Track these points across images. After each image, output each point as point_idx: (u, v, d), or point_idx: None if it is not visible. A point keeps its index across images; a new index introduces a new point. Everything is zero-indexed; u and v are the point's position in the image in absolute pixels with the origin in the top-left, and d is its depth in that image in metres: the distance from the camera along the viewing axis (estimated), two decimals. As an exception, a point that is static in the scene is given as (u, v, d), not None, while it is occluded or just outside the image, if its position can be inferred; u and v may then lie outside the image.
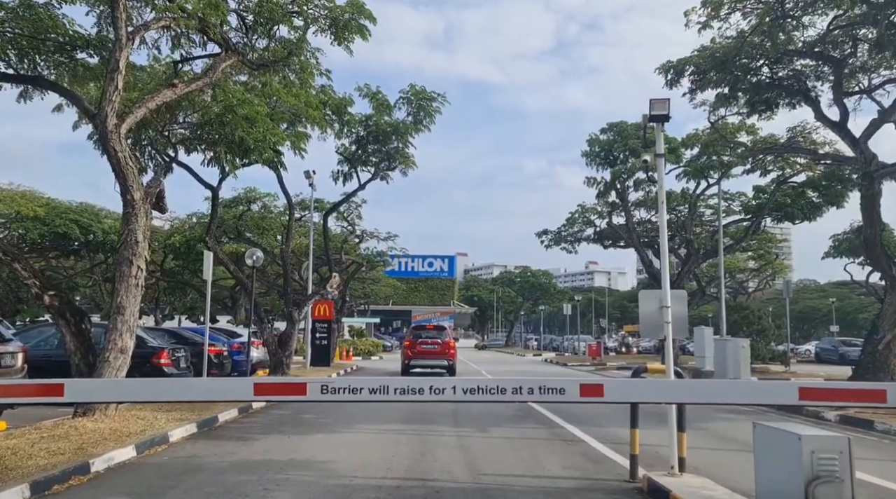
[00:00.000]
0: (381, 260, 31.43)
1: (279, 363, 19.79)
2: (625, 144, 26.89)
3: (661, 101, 6.94)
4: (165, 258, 40.55)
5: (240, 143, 14.61)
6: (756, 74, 13.97)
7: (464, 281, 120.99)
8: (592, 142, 28.76)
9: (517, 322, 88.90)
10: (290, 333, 20.22)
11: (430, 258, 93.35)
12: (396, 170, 23.04)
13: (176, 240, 34.70)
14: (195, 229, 30.37)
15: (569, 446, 9.18)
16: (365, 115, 22.17)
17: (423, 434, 9.99)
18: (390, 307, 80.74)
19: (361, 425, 10.85)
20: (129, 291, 9.47)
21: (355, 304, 70.82)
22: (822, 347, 40.11)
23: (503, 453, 8.50)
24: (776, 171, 25.83)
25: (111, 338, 9.40)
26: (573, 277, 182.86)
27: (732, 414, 13.96)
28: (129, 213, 9.53)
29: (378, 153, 22.96)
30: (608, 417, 12.57)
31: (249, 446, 8.69)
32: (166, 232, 36.61)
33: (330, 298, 28.77)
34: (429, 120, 22.42)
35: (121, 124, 9.33)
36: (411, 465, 7.60)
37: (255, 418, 11.63)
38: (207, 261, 13.94)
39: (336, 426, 10.68)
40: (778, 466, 4.21)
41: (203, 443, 8.92)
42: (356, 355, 40.28)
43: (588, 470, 7.59)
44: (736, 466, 8.06)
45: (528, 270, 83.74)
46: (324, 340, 27.43)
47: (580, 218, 40.29)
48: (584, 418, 12.05)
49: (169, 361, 14.17)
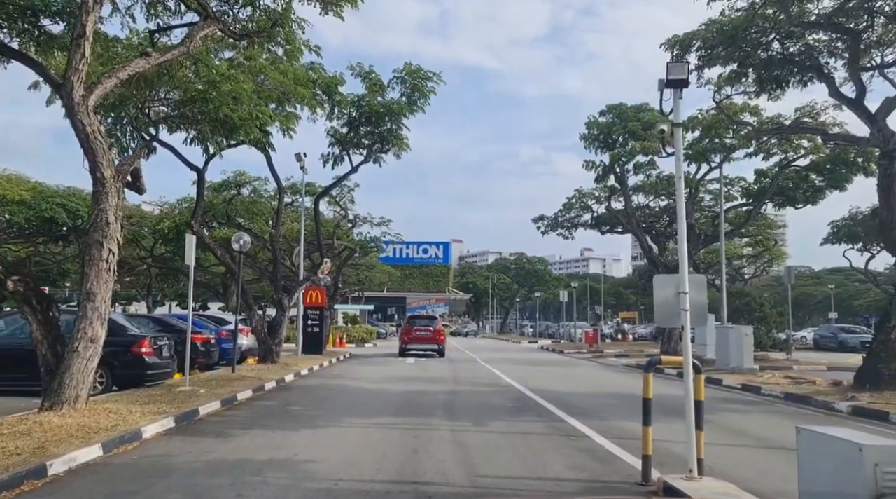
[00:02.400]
0: (375, 246, 30.74)
1: (268, 351, 19.16)
2: (624, 127, 26.19)
3: (678, 66, 6.26)
4: (155, 244, 39.84)
5: (224, 121, 13.90)
6: (767, 50, 13.29)
7: (459, 268, 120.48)
8: (591, 125, 28.05)
9: (512, 309, 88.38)
10: (280, 320, 19.57)
11: (425, 245, 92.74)
12: (390, 152, 22.34)
13: (165, 225, 33.94)
14: (185, 214, 29.58)
15: (572, 442, 8.57)
16: (357, 96, 21.43)
17: (416, 429, 9.37)
18: (385, 294, 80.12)
19: (351, 419, 10.23)
20: (99, 276, 8.79)
21: (349, 290, 70.29)
22: (821, 334, 39.73)
23: (501, 451, 7.90)
24: (779, 154, 25.22)
25: (80, 326, 8.72)
26: (568, 264, 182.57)
27: (739, 405, 13.41)
28: (99, 191, 8.82)
29: (371, 135, 22.23)
30: (611, 408, 11.98)
31: (228, 443, 8.06)
32: (156, 217, 35.86)
33: (322, 284, 28.10)
34: (423, 100, 21.70)
35: (89, 95, 8.60)
36: (403, 464, 6.98)
37: (238, 411, 11.00)
38: (189, 245, 13.25)
39: (324, 420, 10.05)
40: (831, 479, 3.60)
41: (179, 439, 8.28)
42: (349, 343, 39.71)
43: (595, 471, 6.98)
44: (753, 465, 7.47)
45: (524, 256, 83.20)
46: (316, 328, 26.80)
47: (577, 203, 39.61)
48: (585, 410, 11.46)
49: (150, 351, 13.53)
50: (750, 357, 19.11)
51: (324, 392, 14.28)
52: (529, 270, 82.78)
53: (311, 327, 26.82)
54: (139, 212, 38.59)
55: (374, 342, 42.92)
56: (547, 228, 40.56)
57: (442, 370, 21.05)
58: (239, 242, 16.33)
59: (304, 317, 27.03)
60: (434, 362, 24.95)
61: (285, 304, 19.50)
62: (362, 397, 13.25)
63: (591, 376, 20.04)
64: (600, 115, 28.12)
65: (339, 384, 15.96)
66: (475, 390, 15.22)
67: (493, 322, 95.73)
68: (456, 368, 22.36)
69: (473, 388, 15.65)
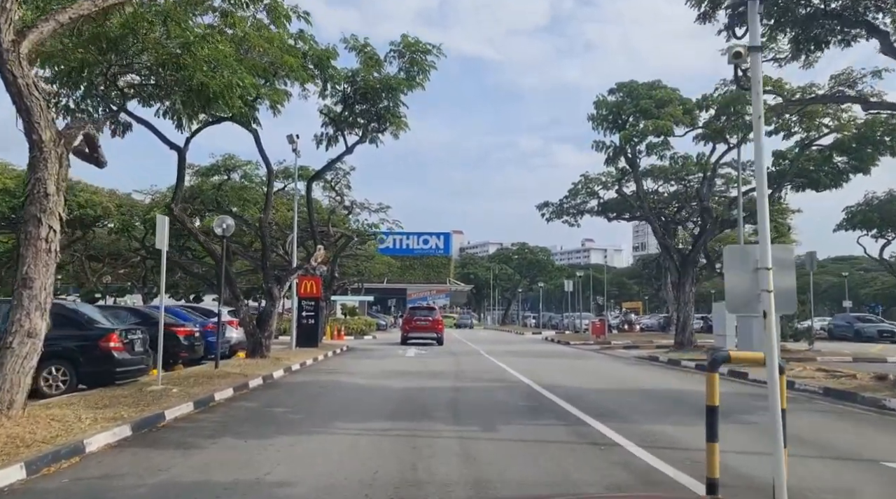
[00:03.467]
0: (373, 233, 29.30)
1: (257, 345, 17.79)
2: (636, 105, 24.70)
3: (753, -25, 4.81)
4: (147, 234, 38.45)
5: (200, 89, 12.46)
6: (807, 6, 11.83)
7: (459, 259, 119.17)
8: (600, 104, 26.56)
9: (514, 300, 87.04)
10: (270, 311, 18.20)
11: (426, 235, 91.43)
12: (387, 132, 20.92)
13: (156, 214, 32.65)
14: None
15: (602, 452, 7.18)
16: (351, 70, 19.98)
17: (415, 435, 8.00)
18: (385, 285, 78.85)
19: (340, 423, 8.84)
20: (37, 257, 7.39)
21: (348, 282, 68.94)
22: (836, 323, 38.37)
23: (519, 466, 6.52)
24: (800, 133, 23.77)
25: (15, 318, 7.33)
26: (569, 255, 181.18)
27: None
28: (37, 157, 7.41)
29: (366, 114, 20.80)
30: (635, 408, 10.59)
31: (188, 458, 6.67)
32: (146, 206, 34.51)
33: (316, 273, 26.74)
34: (423, 76, 20.27)
35: (20, 41, 7.17)
36: (399, 487, 5.60)
37: (212, 414, 9.61)
38: (161, 227, 11.84)
39: (309, 425, 8.67)
40: None
41: (131, 453, 6.90)
42: (348, 335, 38.39)
43: (638, 491, 5.60)
44: (831, 483, 6.09)
45: (526, 246, 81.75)
46: (311, 319, 25.45)
47: (583, 189, 38.22)
48: (607, 411, 10.07)
49: (120, 345, 12.13)
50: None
51: (314, 390, 12.90)
52: (532, 261, 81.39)
53: (305, 319, 25.47)
54: (129, 201, 37.23)
55: (373, 334, 41.59)
56: (552, 215, 39.17)
57: (444, 364, 19.69)
58: (222, 227, 14.92)
59: (298, 308, 25.69)
60: (435, 355, 23.59)
61: (275, 294, 18.12)
62: (356, 396, 11.88)
63: (604, 370, 18.66)
64: (609, 94, 26.64)
65: (333, 381, 14.58)
66: (481, 386, 13.84)
67: (494, 313, 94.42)
68: (459, 361, 21.00)
69: (479, 384, 14.27)
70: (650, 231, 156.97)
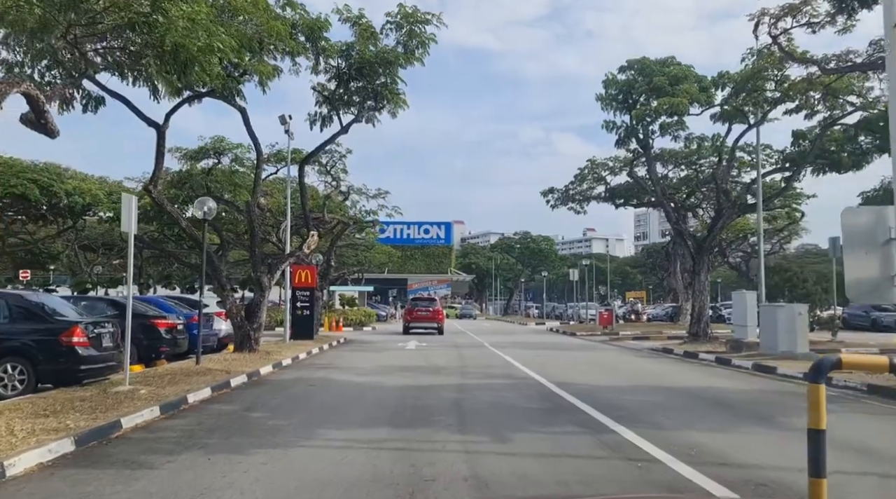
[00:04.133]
0: (371, 220, 27.98)
1: (245, 338, 16.54)
2: (648, 83, 23.31)
3: None
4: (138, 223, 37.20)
5: (174, 53, 11.14)
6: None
7: (461, 249, 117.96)
8: (609, 83, 25.18)
9: (517, 290, 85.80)
10: (259, 301, 16.93)
11: (426, 225, 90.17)
12: (384, 111, 19.61)
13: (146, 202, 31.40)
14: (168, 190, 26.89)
15: (639, 470, 5.91)
16: (346, 44, 18.63)
17: (414, 448, 6.75)
18: (386, 276, 77.62)
19: (327, 431, 7.59)
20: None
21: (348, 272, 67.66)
22: (851, 312, 37.04)
23: (540, 487, 5.25)
24: (822, 112, 22.41)
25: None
26: (571, 245, 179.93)
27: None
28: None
29: (362, 91, 19.47)
30: (665, 410, 9.32)
31: (133, 483, 5.40)
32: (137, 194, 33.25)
33: (312, 262, 25.47)
34: (422, 50, 18.92)
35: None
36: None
37: (180, 420, 8.35)
38: (127, 208, 10.55)
39: (289, 434, 7.42)
40: None
41: (63, 476, 5.63)
42: (346, 326, 37.20)
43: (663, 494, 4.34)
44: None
45: (529, 235, 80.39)
46: (306, 311, 24.19)
47: (590, 174, 36.89)
48: (634, 414, 8.81)
49: (84, 340, 10.85)
50: (804, 341, 16.44)
51: (302, 389, 11.64)
52: (534, 250, 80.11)
53: (300, 310, 24.21)
54: (121, 189, 35.95)
55: (373, 325, 40.37)
56: (557, 202, 37.85)
57: (447, 358, 18.45)
58: (203, 209, 13.62)
59: (292, 299, 24.43)
60: (437, 348, 22.34)
61: (265, 283, 16.85)
62: (348, 397, 10.62)
63: (619, 364, 17.40)
64: (619, 72, 25.23)
65: (324, 378, 13.32)
66: (488, 383, 12.58)
67: (496, 304, 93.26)
68: (462, 355, 19.75)
69: (485, 381, 13.02)
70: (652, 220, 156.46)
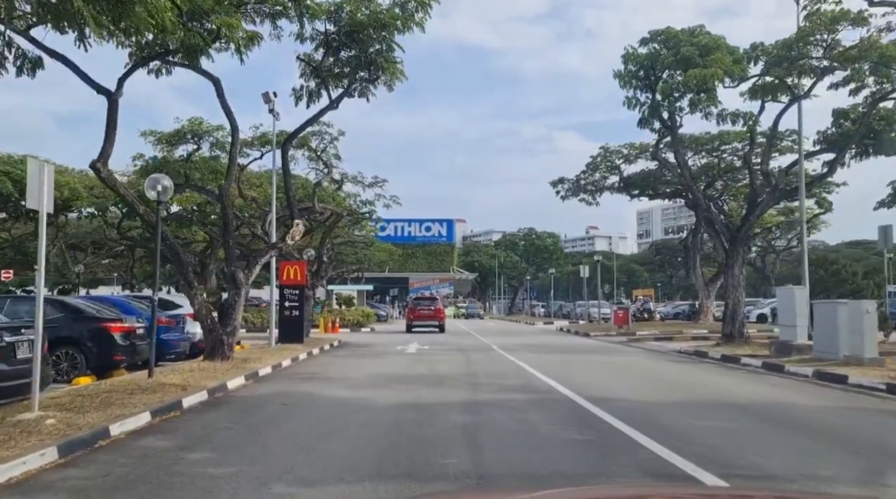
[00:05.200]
0: (368, 211, 25.55)
1: (217, 343, 14.15)
2: (675, 55, 20.82)
3: None
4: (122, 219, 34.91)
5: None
6: None
7: (462, 247, 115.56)
8: (628, 58, 22.69)
9: (521, 288, 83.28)
10: (234, 301, 14.53)
11: (428, 222, 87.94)
12: (379, 83, 17.20)
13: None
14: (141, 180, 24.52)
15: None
16: (334, 4, 16.24)
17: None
18: (386, 274, 75.33)
19: (284, 491, 5.17)
20: None
21: (347, 270, 65.18)
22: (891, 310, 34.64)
23: None
24: (870, 87, 19.97)
25: None
26: (573, 243, 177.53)
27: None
28: None
29: (354, 61, 17.07)
30: (757, 444, 6.86)
31: None
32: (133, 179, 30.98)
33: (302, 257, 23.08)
34: (422, 12, 16.50)
35: None
36: None
37: (78, 470, 5.88)
38: (34, 178, 8.12)
39: (233, 492, 5.01)
40: None
41: None
42: (343, 327, 34.81)
43: None
44: None
45: (533, 231, 77.89)
46: (294, 311, 21.77)
47: (603, 163, 34.50)
48: (720, 452, 6.39)
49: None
50: (873, 344, 14.00)
51: (272, 412, 9.21)
52: (539, 247, 77.56)
53: (288, 310, 21.80)
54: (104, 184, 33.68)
55: (371, 326, 37.94)
56: (567, 194, 35.56)
57: (452, 364, 16.04)
58: (156, 188, 11.18)
59: (280, 298, 22.05)
60: (441, 352, 19.94)
61: (240, 279, 14.44)
62: (328, 425, 8.20)
63: (654, 371, 14.98)
64: (640, 45, 22.76)
65: (305, 394, 10.91)
66: (505, 399, 10.15)
67: (499, 303, 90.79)
68: (469, 360, 17.35)
69: (501, 396, 10.60)
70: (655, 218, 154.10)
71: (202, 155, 22.70)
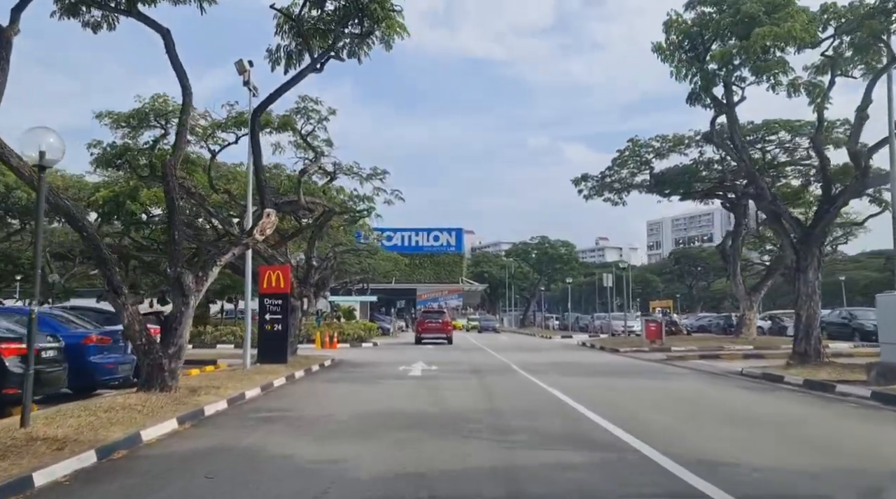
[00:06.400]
0: (366, 209, 21.97)
1: (155, 369, 10.60)
2: (733, 14, 17.22)
3: None
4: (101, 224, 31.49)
5: None
6: None
7: (472, 258, 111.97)
8: (670, 26, 19.14)
9: (533, 299, 79.45)
10: (179, 313, 10.96)
11: (436, 231, 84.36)
12: (374, 38, 13.71)
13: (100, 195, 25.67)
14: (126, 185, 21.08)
15: None
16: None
17: None
18: (393, 285, 71.76)
19: None
20: None
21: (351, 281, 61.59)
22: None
23: None
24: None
25: None
26: (583, 254, 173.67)
27: None
28: None
29: (342, 11, 13.62)
30: None
31: None
32: (91, 186, 27.58)
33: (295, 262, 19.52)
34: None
35: None
36: None
37: None
38: None
39: None
40: None
41: None
42: (343, 342, 31.28)
43: None
44: None
45: (546, 239, 74.16)
46: (276, 325, 18.24)
47: (631, 158, 30.87)
48: None
49: None
50: None
51: (177, 494, 5.61)
52: (553, 256, 73.78)
53: (269, 324, 18.28)
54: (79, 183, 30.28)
55: (374, 341, 34.33)
56: (591, 193, 31.89)
57: (466, 393, 12.41)
58: (39, 149, 7.66)
59: (260, 309, 18.53)
60: (451, 376, 16.30)
61: (188, 284, 10.90)
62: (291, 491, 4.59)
63: (738, 407, 11.28)
64: (686, 10, 19.24)
65: (249, 452, 7.28)
66: (554, 463, 6.51)
67: (510, 315, 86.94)
68: (487, 386, 13.72)
69: (545, 454, 6.96)
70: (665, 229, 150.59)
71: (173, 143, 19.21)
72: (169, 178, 11.32)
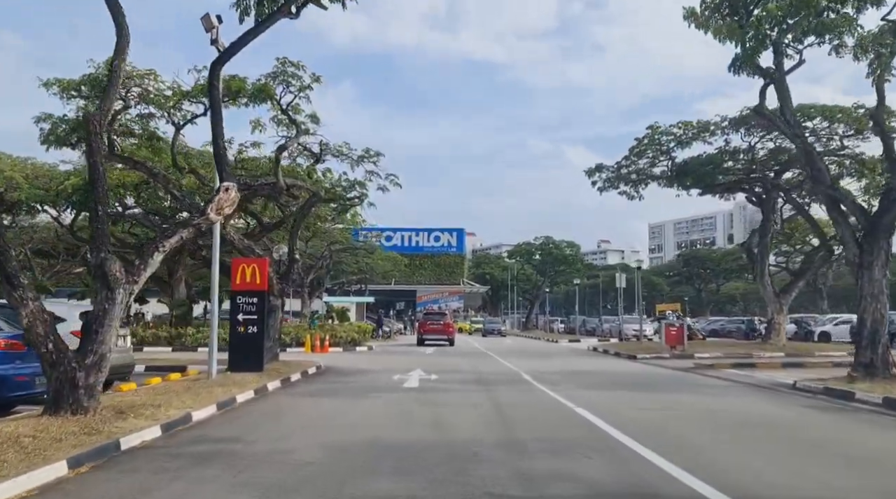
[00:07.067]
0: (358, 196, 19.37)
1: (67, 385, 8.06)
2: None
3: None
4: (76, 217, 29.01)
5: None
6: None
7: (473, 259, 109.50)
8: (707, -13, 16.64)
9: (537, 301, 76.87)
10: (102, 312, 8.41)
11: (437, 232, 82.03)
12: (362, -22, 11.18)
13: (70, 184, 23.26)
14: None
15: None
16: None
17: None
18: (393, 287, 69.34)
19: None
20: None
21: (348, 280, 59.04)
22: None
23: None
24: None
25: None
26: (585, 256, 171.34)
27: None
28: None
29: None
30: None
31: None
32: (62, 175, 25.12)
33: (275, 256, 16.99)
34: None
35: None
36: None
37: None
38: None
39: None
40: None
41: None
42: (336, 346, 28.71)
43: None
44: None
45: (551, 239, 71.62)
46: (251, 326, 15.70)
47: (650, 147, 28.31)
48: None
49: None
50: None
51: None
52: (558, 256, 71.21)
53: (242, 325, 15.74)
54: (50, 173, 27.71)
55: (368, 345, 31.74)
56: (605, 185, 29.31)
57: (473, 412, 9.86)
58: None
59: (232, 308, 16.02)
60: (453, 387, 13.74)
61: (114, 273, 8.38)
62: None
63: (835, 436, 8.72)
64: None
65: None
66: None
67: (513, 317, 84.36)
68: (499, 403, 11.15)
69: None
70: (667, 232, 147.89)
71: (129, 117, 16.72)
72: (93, 137, 8.77)
